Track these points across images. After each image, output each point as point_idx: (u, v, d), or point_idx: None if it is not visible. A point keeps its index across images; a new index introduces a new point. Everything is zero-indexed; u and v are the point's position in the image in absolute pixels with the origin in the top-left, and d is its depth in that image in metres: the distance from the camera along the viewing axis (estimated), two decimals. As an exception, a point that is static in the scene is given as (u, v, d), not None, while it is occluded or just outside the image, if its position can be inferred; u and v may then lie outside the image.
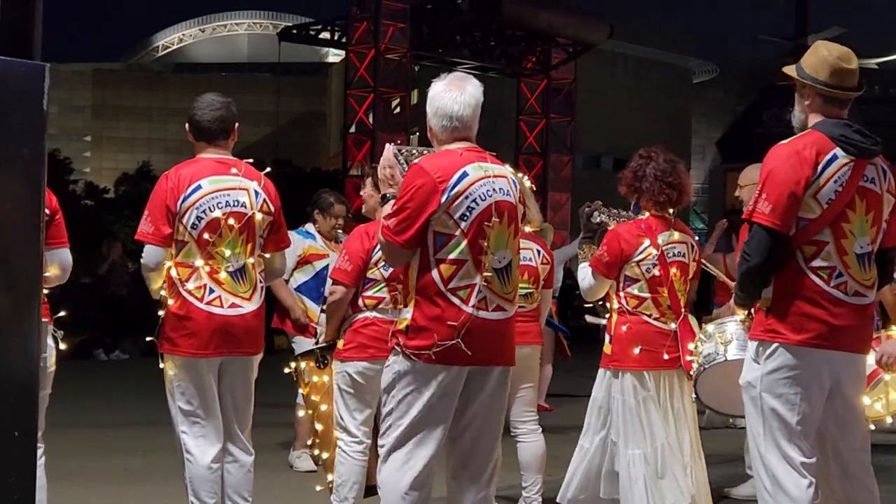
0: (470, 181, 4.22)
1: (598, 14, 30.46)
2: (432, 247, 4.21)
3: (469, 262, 4.19)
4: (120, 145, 62.78)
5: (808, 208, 4.05)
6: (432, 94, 4.36)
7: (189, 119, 5.06)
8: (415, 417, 4.22)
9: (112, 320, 17.14)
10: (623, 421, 5.30)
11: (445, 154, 4.31)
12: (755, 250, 4.06)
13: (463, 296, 4.19)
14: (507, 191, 4.32)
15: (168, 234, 4.84)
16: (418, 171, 4.24)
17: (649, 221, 5.40)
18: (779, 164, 4.07)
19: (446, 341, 4.16)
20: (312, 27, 31.41)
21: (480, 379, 4.30)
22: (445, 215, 4.18)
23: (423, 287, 4.22)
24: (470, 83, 4.36)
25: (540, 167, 29.28)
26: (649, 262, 5.32)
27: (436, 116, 4.34)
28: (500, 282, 4.26)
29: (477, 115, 4.37)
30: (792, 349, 4.06)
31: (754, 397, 4.14)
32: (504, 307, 4.29)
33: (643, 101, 52.00)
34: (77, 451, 8.37)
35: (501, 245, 4.27)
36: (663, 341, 5.31)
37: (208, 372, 4.91)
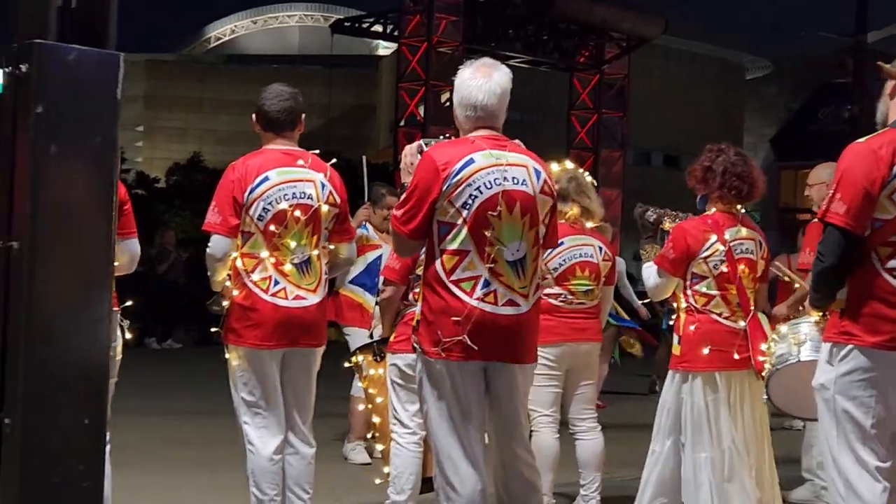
0: (475, 168, 4.13)
1: (652, 9, 30.25)
2: (437, 236, 4.16)
3: (472, 253, 4.12)
4: (172, 135, 63.23)
5: (883, 209, 3.96)
6: (458, 82, 4.29)
7: (257, 109, 5.04)
8: (443, 414, 4.20)
9: (165, 309, 17.26)
10: (691, 423, 5.19)
11: (458, 142, 4.26)
12: (829, 251, 3.97)
13: (466, 288, 4.13)
14: (524, 181, 4.21)
15: (235, 224, 4.83)
16: (425, 158, 4.20)
17: (716, 217, 5.29)
18: (854, 162, 3.98)
19: (452, 337, 4.10)
20: (365, 20, 31.43)
21: (497, 375, 4.23)
22: (447, 203, 4.12)
23: (428, 279, 4.18)
24: (497, 70, 4.27)
25: (591, 163, 29.12)
26: (716, 258, 5.20)
27: (460, 105, 4.28)
28: (515, 275, 4.17)
29: (504, 104, 4.27)
30: (866, 351, 3.97)
31: (828, 399, 4.05)
32: (517, 302, 4.19)
33: (695, 97, 51.65)
34: (131, 439, 8.42)
35: (514, 237, 4.17)
36: (733, 340, 5.17)
37: (271, 363, 4.90)
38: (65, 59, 3.18)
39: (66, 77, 3.18)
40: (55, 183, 3.17)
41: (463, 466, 4.19)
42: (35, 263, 3.13)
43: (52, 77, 3.16)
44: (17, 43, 3.22)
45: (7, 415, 3.15)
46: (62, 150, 3.16)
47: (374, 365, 5.82)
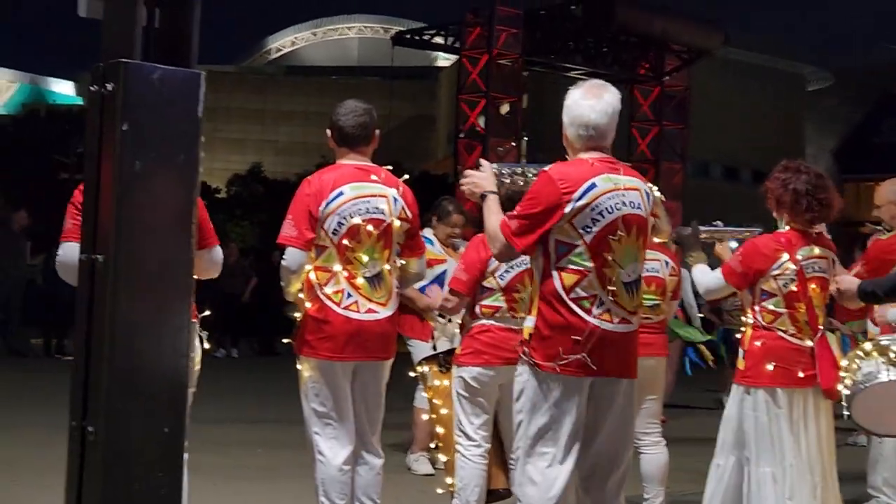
0: (597, 193, 4.21)
1: (712, 21, 30.12)
2: (554, 254, 4.23)
3: (592, 274, 4.20)
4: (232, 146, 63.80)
5: None
6: (569, 102, 4.35)
7: (331, 125, 5.13)
8: (543, 429, 4.24)
9: (227, 320, 17.48)
10: (755, 438, 5.19)
11: (576, 163, 4.32)
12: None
13: (586, 306, 4.20)
14: (639, 204, 4.31)
15: (310, 238, 4.92)
16: (547, 180, 4.25)
17: (789, 235, 5.25)
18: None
19: (572, 354, 4.17)
20: (426, 32, 31.59)
21: (607, 391, 4.30)
22: (568, 225, 4.20)
23: (545, 294, 4.24)
24: (608, 91, 4.35)
25: (652, 175, 29.02)
26: (787, 277, 5.19)
27: (572, 125, 4.34)
28: (629, 295, 4.27)
29: (614, 125, 4.36)
30: None
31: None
32: (630, 320, 4.29)
33: (755, 109, 51.22)
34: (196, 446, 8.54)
35: (631, 259, 4.27)
36: (799, 358, 5.16)
37: (343, 375, 4.98)
38: (149, 77, 3.29)
39: (150, 95, 3.28)
40: (139, 199, 3.27)
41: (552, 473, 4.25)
42: (118, 276, 3.23)
43: (137, 95, 3.26)
44: (104, 62, 3.32)
45: (90, 423, 3.25)
46: (146, 166, 3.27)
47: (438, 376, 5.89)
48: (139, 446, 3.31)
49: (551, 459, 4.25)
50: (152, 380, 3.32)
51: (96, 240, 3.31)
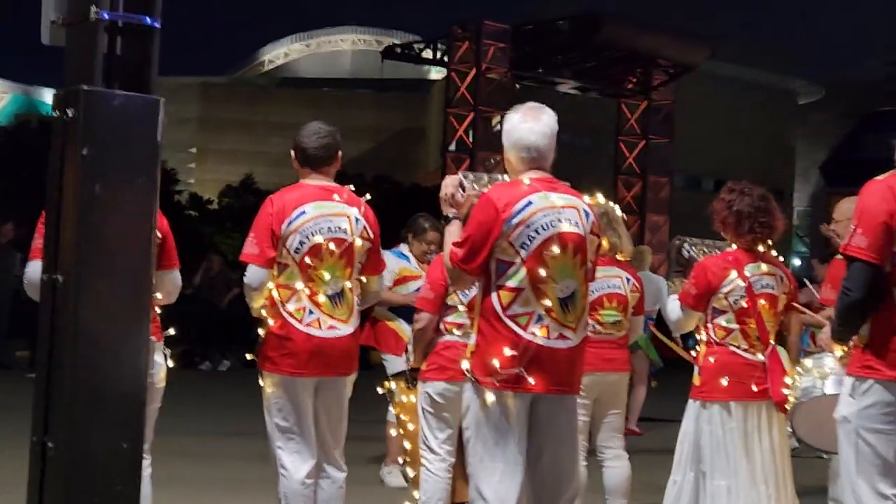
0: (533, 210, 4.34)
1: (698, 35, 30.35)
2: (494, 273, 4.36)
3: (528, 290, 4.32)
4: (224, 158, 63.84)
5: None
6: (508, 126, 4.49)
7: (295, 146, 5.24)
8: (488, 445, 4.35)
9: (212, 331, 17.54)
10: (710, 452, 5.34)
11: (514, 184, 4.45)
12: (855, 285, 4.09)
13: (522, 322, 4.32)
14: (576, 222, 4.42)
15: (272, 256, 5.04)
16: (484, 200, 4.39)
17: (737, 254, 5.45)
18: (872, 199, 4.13)
19: (508, 369, 4.29)
20: (415, 46, 31.76)
21: (546, 406, 4.41)
22: (507, 243, 4.32)
23: (484, 312, 4.38)
24: (545, 113, 4.48)
25: (639, 188, 29.22)
26: (737, 293, 5.36)
27: (513, 148, 4.48)
28: (563, 311, 4.37)
29: (552, 145, 4.48)
30: (888, 385, 4.09)
31: (849, 432, 4.17)
32: (567, 335, 4.39)
33: (745, 123, 51.41)
34: (183, 458, 8.65)
35: (566, 275, 4.37)
36: (752, 372, 5.34)
37: (305, 391, 5.09)
38: (109, 103, 3.42)
39: (110, 121, 3.41)
40: (99, 220, 3.39)
41: (503, 488, 4.35)
42: (79, 296, 3.35)
43: (98, 121, 3.39)
44: (66, 88, 3.45)
45: (51, 438, 3.36)
46: (106, 189, 3.39)
47: (406, 392, 6.01)
48: (99, 461, 3.42)
49: (501, 475, 4.35)
50: (112, 396, 3.44)
51: (57, 260, 3.42)
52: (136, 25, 3.52)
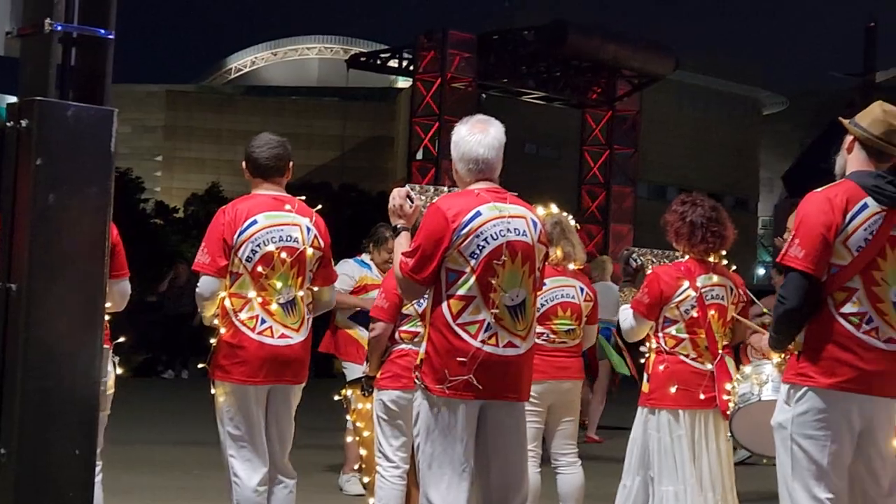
0: (482, 220, 4.40)
1: (664, 46, 30.57)
2: (444, 282, 4.42)
3: (478, 299, 4.38)
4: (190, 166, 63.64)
5: (838, 255, 4.18)
6: (457, 139, 4.55)
7: (246, 157, 5.30)
8: (437, 451, 4.41)
9: (175, 340, 17.52)
10: (658, 458, 5.45)
11: (463, 194, 4.52)
12: (791, 294, 4.18)
13: (472, 331, 4.38)
14: (524, 231, 4.48)
15: (224, 265, 5.09)
16: (434, 210, 4.46)
17: (689, 264, 5.56)
18: (811, 210, 4.22)
19: (458, 376, 4.35)
20: (381, 55, 31.84)
21: (494, 413, 4.47)
22: (457, 252, 4.38)
23: (434, 321, 4.43)
24: (493, 126, 4.55)
25: (603, 198, 29.40)
26: (688, 303, 5.47)
27: (461, 160, 4.54)
28: (513, 319, 4.44)
29: (500, 157, 4.55)
30: (821, 392, 4.18)
31: (784, 438, 4.25)
32: (515, 343, 4.45)
33: (711, 133, 51.84)
34: (136, 466, 8.66)
35: (514, 284, 4.44)
36: (700, 381, 5.45)
37: (257, 399, 5.13)
38: (63, 114, 3.46)
39: (64, 132, 3.46)
40: (52, 230, 3.44)
41: (451, 495, 4.41)
42: (31, 305, 3.39)
43: (51, 132, 3.43)
44: (20, 99, 3.49)
45: (2, 445, 3.39)
46: (59, 199, 3.43)
47: (361, 399, 6.06)
48: (51, 468, 3.46)
49: (449, 481, 4.42)
50: (64, 404, 3.47)
51: (10, 269, 3.46)
52: (90, 37, 3.56)
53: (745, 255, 47.11)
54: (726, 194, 51.07)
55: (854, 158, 4.34)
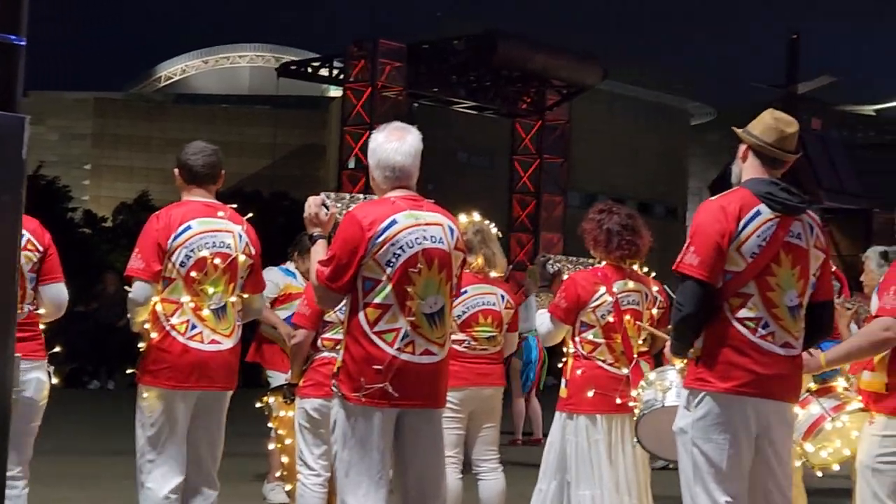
0: (398, 228, 4.42)
1: (592, 57, 30.84)
2: (361, 290, 4.43)
3: (395, 307, 4.40)
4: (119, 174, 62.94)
5: (732, 261, 4.28)
6: (373, 146, 4.57)
7: (180, 164, 5.33)
8: (354, 459, 4.43)
9: (103, 350, 17.33)
10: (575, 463, 5.53)
11: (379, 202, 4.54)
12: (687, 301, 4.28)
13: (388, 339, 4.40)
14: (440, 238, 4.51)
15: (157, 270, 5.09)
16: (350, 219, 4.47)
17: (605, 270, 5.68)
18: (705, 218, 4.32)
19: (374, 384, 4.37)
20: (311, 63, 31.76)
21: (412, 421, 4.50)
22: (373, 261, 4.40)
23: (351, 329, 4.45)
24: (410, 133, 4.57)
25: (533, 207, 29.58)
26: (604, 308, 5.59)
27: (378, 168, 4.56)
28: (430, 326, 4.46)
29: (417, 164, 4.57)
30: (719, 397, 4.27)
31: (685, 442, 4.35)
32: (433, 351, 4.47)
33: (640, 142, 52.32)
34: (63, 479, 8.57)
35: (431, 291, 4.46)
36: (616, 386, 5.57)
37: (183, 405, 5.13)
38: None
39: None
40: (-37, 238, 3.39)
41: (368, 502, 4.43)
42: (-60, 313, 3.35)
43: (-39, 139, 3.39)
44: (-70, 106, 3.46)
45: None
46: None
47: (283, 407, 6.07)
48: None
49: (366, 489, 4.43)
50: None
51: (-80, 278, 3.42)
52: (1, 44, 3.53)
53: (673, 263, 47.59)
54: (656, 203, 51.65)
55: (749, 166, 4.46)
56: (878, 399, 4.82)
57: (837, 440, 5.23)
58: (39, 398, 5.14)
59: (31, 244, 5.21)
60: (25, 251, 5.14)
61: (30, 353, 5.12)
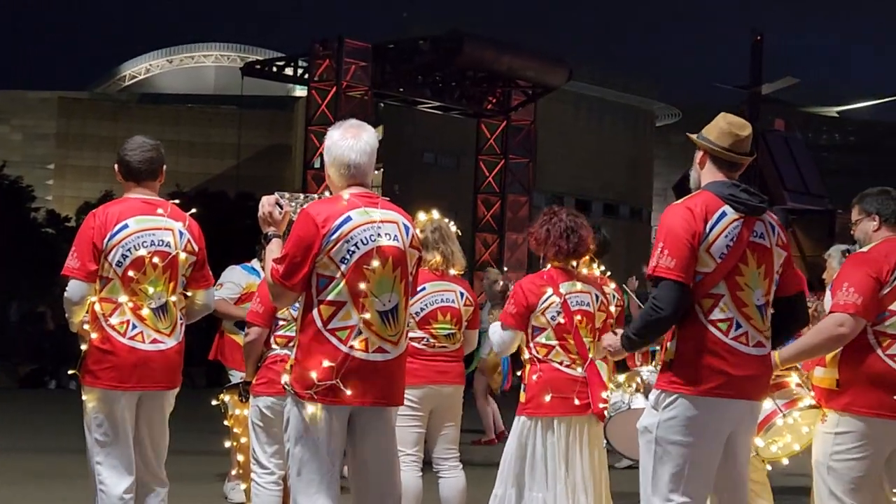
0: (352, 225, 4.40)
1: (558, 58, 30.93)
2: (315, 288, 4.40)
3: (349, 304, 4.38)
4: (83, 174, 62.53)
5: (703, 262, 4.30)
6: (329, 144, 4.55)
7: (119, 160, 5.27)
8: (306, 457, 4.40)
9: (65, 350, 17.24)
10: (531, 466, 5.56)
11: (333, 200, 4.52)
12: (666, 303, 4.27)
13: (342, 336, 4.37)
14: (395, 236, 4.50)
15: (93, 270, 5.04)
16: (304, 216, 4.44)
17: (551, 272, 5.75)
18: (674, 221, 4.34)
19: (325, 381, 4.34)
20: (276, 63, 31.68)
21: (365, 419, 4.47)
22: (327, 258, 4.37)
23: (305, 327, 4.42)
24: (365, 131, 4.55)
25: (498, 207, 29.63)
26: (553, 310, 5.64)
27: (333, 165, 4.54)
28: (384, 324, 4.44)
29: (373, 162, 4.56)
30: (693, 399, 4.29)
31: (649, 441, 4.36)
32: (386, 349, 4.45)
33: (606, 143, 52.52)
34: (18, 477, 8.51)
35: (385, 289, 4.44)
36: (573, 387, 5.60)
37: (126, 405, 5.09)
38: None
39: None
40: None
41: (320, 500, 4.40)
42: None
43: None
44: None
45: None
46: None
47: (239, 405, 6.05)
48: None
49: (318, 486, 4.40)
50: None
51: None
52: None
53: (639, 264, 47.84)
54: (621, 204, 51.86)
55: (707, 171, 4.51)
56: (829, 396, 4.88)
57: (788, 435, 5.28)
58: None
59: None
60: None
61: None
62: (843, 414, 4.80)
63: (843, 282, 4.80)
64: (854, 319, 4.73)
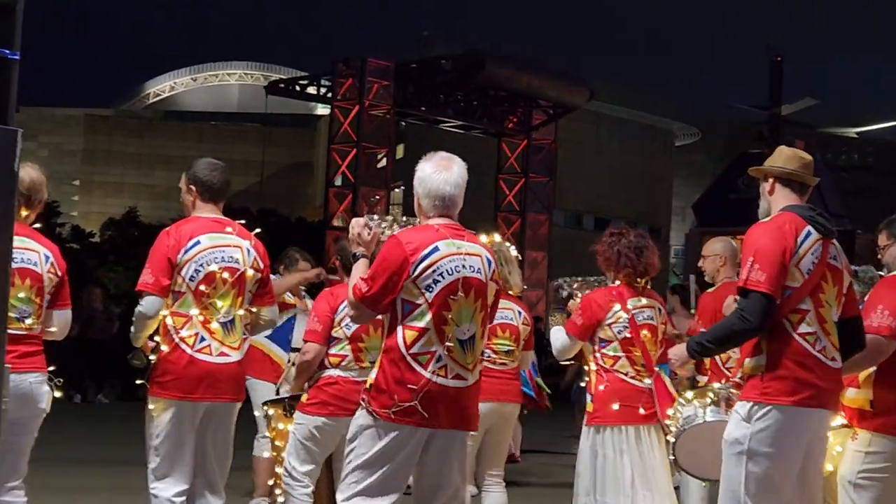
0: (440, 255, 4.56)
1: (578, 78, 31.04)
2: (400, 313, 4.56)
3: (432, 331, 4.53)
4: (108, 190, 63.02)
5: (792, 277, 4.49)
6: (422, 176, 4.70)
7: (193, 181, 5.42)
8: (372, 472, 4.53)
9: (93, 365, 17.38)
10: (601, 474, 5.75)
11: (423, 228, 4.68)
12: (755, 315, 4.44)
13: (423, 361, 4.51)
14: (478, 269, 4.65)
15: (167, 285, 5.22)
16: (394, 242, 4.61)
17: (620, 289, 5.97)
18: (765, 237, 4.53)
19: (405, 402, 4.49)
20: (300, 81, 31.90)
21: (438, 442, 4.60)
22: (412, 285, 4.53)
23: (388, 350, 4.57)
24: (456, 164, 4.73)
25: (518, 225, 29.72)
26: (620, 324, 5.86)
27: (427, 197, 4.69)
28: (463, 352, 4.59)
29: (462, 194, 4.73)
30: (785, 410, 4.45)
31: (740, 453, 4.50)
32: (464, 376, 4.60)
33: (626, 162, 52.61)
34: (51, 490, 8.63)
35: (466, 318, 4.60)
36: (639, 398, 5.82)
37: (192, 416, 5.24)
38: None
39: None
40: (-47, 251, 3.48)
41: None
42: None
43: (-46, 151, 3.49)
44: (-78, 118, 3.55)
45: None
46: (-39, 220, 3.48)
47: (283, 419, 6.16)
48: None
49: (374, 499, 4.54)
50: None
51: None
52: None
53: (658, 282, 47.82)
54: (640, 223, 51.50)
55: (779, 197, 4.70)
56: (862, 416, 5.02)
57: None
58: (47, 409, 5.25)
59: (53, 268, 5.31)
60: (49, 273, 5.24)
61: (40, 367, 5.24)
62: (876, 434, 4.94)
63: (877, 304, 4.94)
64: (888, 342, 4.90)
